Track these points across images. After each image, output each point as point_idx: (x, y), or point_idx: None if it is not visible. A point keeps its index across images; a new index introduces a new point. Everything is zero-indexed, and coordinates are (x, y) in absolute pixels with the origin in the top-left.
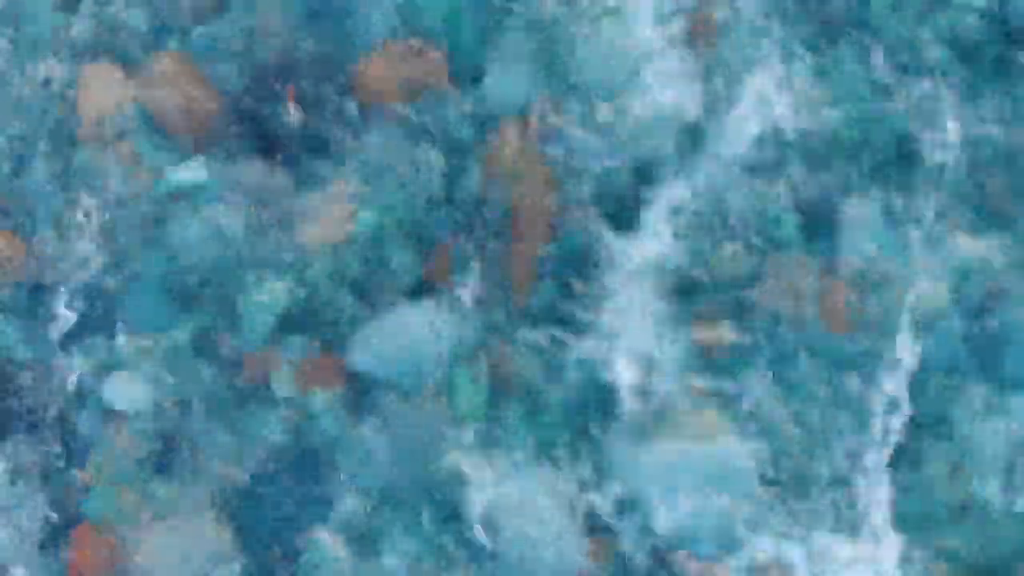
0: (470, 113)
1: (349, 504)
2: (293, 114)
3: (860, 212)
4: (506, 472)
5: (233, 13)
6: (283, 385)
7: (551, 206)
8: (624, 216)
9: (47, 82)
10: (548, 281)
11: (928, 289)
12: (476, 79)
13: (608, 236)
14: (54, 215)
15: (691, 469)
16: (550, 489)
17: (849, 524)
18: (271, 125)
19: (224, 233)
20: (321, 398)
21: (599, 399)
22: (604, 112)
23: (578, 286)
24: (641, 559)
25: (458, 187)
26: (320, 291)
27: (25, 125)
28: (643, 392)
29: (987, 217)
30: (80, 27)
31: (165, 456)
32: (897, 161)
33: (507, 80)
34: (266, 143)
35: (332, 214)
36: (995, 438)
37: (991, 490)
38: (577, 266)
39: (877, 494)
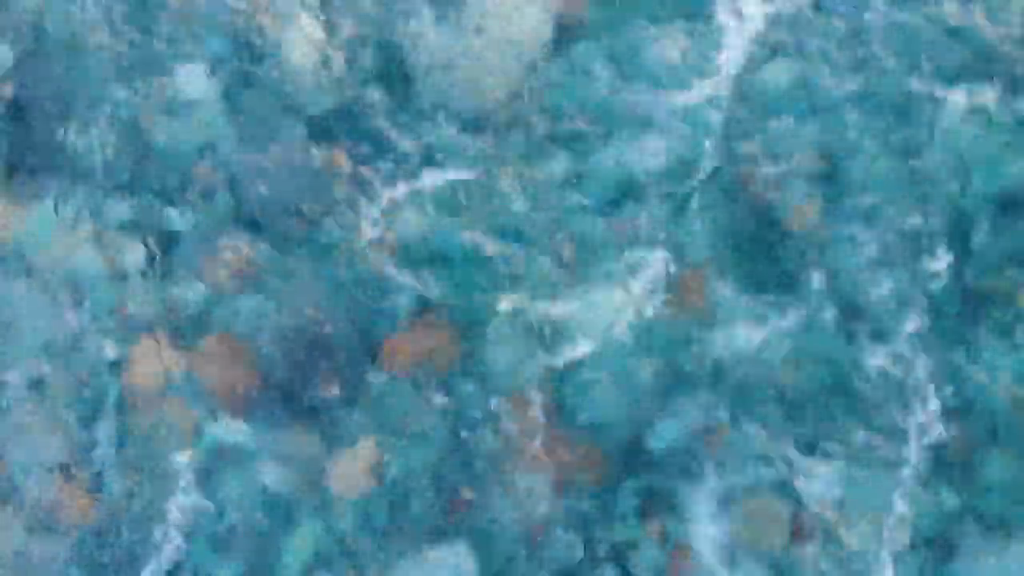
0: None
1: None
2: (330, 390)
3: None
4: None
5: (270, 291)
6: None
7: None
8: None
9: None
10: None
11: None
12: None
13: None
14: (119, 472)
15: None
16: None
17: None
18: (306, 394)
19: (264, 488)
20: None
21: None
22: None
23: None
24: None
25: (473, 444)
26: (349, 536)
27: (90, 395)
28: None
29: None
30: (134, 304)
31: None
32: None
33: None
34: (301, 408)
35: (360, 468)
36: None
37: None
38: None
39: None
